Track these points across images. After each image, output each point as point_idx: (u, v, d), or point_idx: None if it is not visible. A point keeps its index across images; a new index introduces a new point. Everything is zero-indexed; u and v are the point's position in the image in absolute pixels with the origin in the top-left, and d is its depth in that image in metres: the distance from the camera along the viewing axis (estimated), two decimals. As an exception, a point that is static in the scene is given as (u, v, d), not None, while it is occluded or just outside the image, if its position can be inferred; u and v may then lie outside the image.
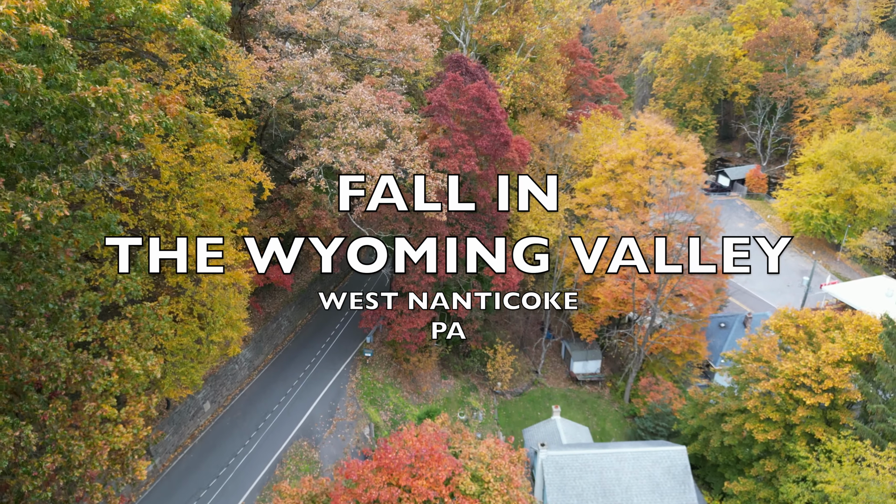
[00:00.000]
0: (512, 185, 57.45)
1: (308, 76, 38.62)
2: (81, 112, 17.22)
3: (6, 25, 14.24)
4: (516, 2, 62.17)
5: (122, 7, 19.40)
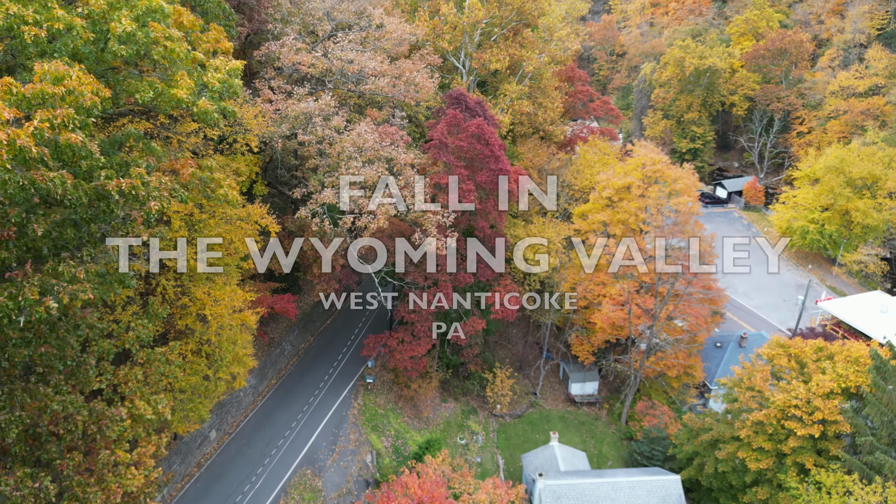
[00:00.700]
0: (511, 212, 58.60)
1: (313, 120, 39.74)
2: (105, 199, 18.32)
3: (40, 138, 15.35)
4: (515, 29, 63.29)
5: (141, 92, 20.52)
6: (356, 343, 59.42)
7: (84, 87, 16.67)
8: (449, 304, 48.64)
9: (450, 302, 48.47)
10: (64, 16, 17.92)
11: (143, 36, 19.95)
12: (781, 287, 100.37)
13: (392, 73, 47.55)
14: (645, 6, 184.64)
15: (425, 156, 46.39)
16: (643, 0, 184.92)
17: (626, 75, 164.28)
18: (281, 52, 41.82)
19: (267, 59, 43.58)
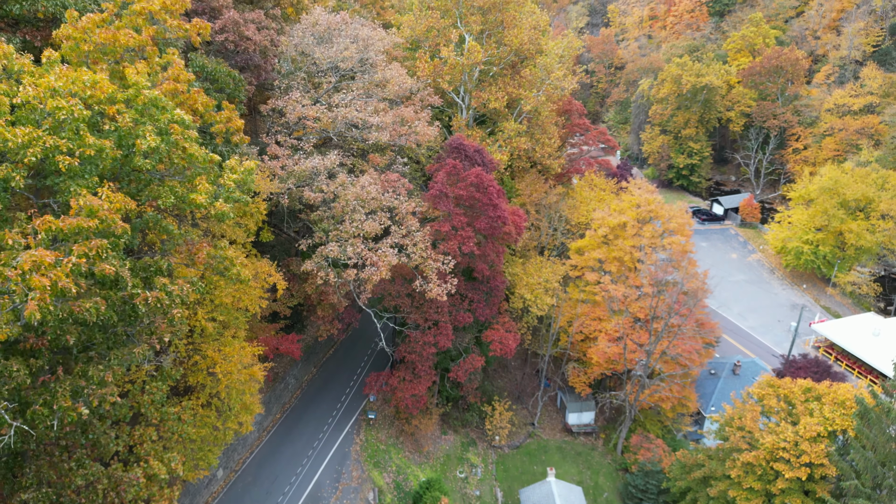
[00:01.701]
0: (509, 248, 60.09)
1: (319, 178, 41.27)
2: (132, 309, 19.83)
3: (77, 272, 16.83)
4: (513, 65, 64.80)
5: (163, 198, 22.03)
6: (359, 379, 60.93)
7: (114, 214, 18.16)
8: (449, 345, 50.14)
9: (449, 342, 49.97)
10: (95, 142, 19.43)
11: (165, 147, 21.46)
12: (776, 307, 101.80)
13: (394, 121, 49.09)
14: (643, 19, 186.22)
15: (426, 203, 47.89)
16: (641, 13, 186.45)
17: (625, 89, 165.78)
18: (286, 108, 43.35)
19: (273, 113, 45.11)
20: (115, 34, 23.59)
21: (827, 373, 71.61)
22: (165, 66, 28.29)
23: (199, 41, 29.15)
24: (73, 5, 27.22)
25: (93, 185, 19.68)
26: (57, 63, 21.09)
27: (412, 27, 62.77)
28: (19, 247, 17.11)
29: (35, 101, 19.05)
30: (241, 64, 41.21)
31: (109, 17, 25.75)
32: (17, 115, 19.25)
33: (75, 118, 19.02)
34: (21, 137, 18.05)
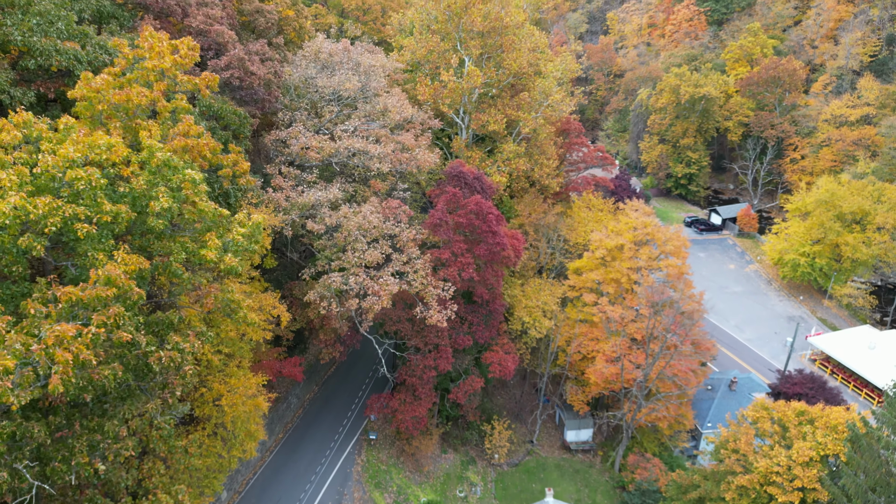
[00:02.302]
0: (509, 270, 60.99)
1: (322, 210, 42.18)
2: (146, 364, 20.77)
3: (97, 341, 17.75)
4: (513, 86, 65.69)
5: (175, 254, 22.95)
6: (361, 400, 61.84)
7: (130, 280, 19.09)
8: (449, 368, 51.06)
9: (449, 365, 50.88)
10: (112, 209, 20.35)
11: (177, 206, 22.39)
12: (773, 319, 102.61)
13: (395, 149, 50.01)
14: (642, 27, 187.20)
15: (426, 230, 48.78)
16: (640, 21, 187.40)
17: (623, 98, 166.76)
18: (291, 142, 44.29)
19: (276, 142, 46.04)
20: (129, 94, 24.52)
21: (822, 389, 72.50)
22: (174, 111, 29.22)
23: (209, 93, 30.07)
24: (85, 59, 28.13)
25: (109, 248, 20.60)
26: (74, 129, 21.99)
27: (413, 50, 63.67)
28: (41, 315, 18.02)
29: (55, 169, 19.96)
30: (245, 98, 42.15)
31: (122, 71, 26.66)
32: (37, 182, 20.17)
33: (93, 187, 19.94)
34: (42, 208, 18.97)
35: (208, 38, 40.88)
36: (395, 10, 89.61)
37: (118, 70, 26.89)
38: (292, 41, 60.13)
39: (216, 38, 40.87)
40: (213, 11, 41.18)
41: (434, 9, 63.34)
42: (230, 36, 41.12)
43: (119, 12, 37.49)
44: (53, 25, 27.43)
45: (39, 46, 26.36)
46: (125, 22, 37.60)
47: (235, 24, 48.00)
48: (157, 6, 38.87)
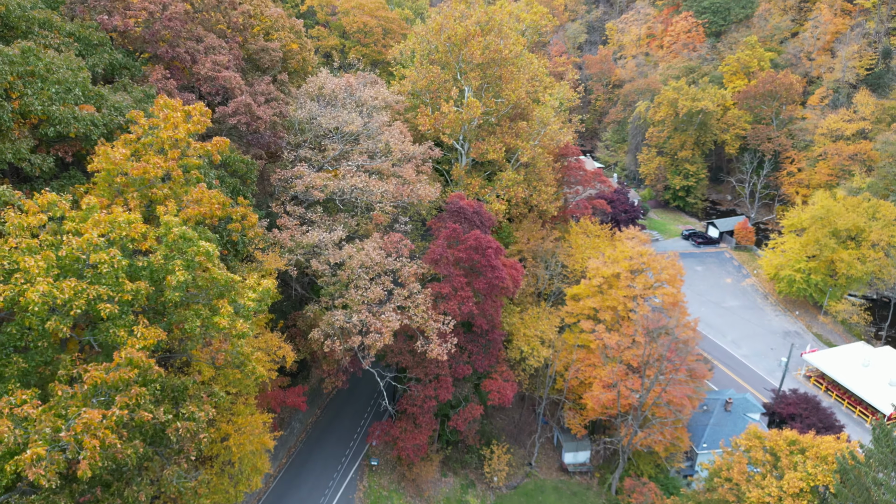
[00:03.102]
0: (507, 298, 62.20)
1: (325, 252, 43.46)
2: (163, 433, 22.03)
3: (120, 423, 19.00)
4: (511, 118, 66.97)
5: (189, 322, 24.20)
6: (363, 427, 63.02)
7: (149, 360, 20.36)
8: (449, 397, 52.33)
9: (449, 395, 52.15)
10: (132, 288, 21.60)
11: (192, 278, 23.64)
12: (769, 334, 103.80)
13: (396, 184, 51.28)
14: (640, 37, 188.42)
15: (427, 265, 50.02)
16: (639, 32, 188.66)
17: (622, 109, 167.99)
18: (296, 182, 45.57)
19: (282, 182, 47.31)
20: (145, 167, 25.80)
21: (816, 409, 73.84)
22: (187, 168, 30.50)
23: (220, 158, 31.37)
24: (101, 122, 29.38)
25: (129, 323, 21.85)
26: (95, 208, 23.25)
27: (413, 81, 64.93)
28: (67, 396, 19.28)
29: (78, 251, 21.21)
30: (252, 141, 43.41)
31: (138, 137, 27.93)
32: (62, 263, 21.42)
33: (115, 269, 21.19)
34: (68, 292, 20.21)
35: (216, 83, 42.14)
36: (396, 33, 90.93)
37: (134, 137, 28.14)
38: (297, 71, 61.34)
39: (224, 84, 42.12)
40: (220, 58, 42.44)
41: (434, 39, 64.64)
42: (237, 81, 42.38)
43: (130, 63, 38.74)
44: (71, 92, 28.68)
45: (58, 115, 27.62)
46: (136, 72, 38.85)
47: (241, 63, 49.27)
48: (167, 55, 40.14)
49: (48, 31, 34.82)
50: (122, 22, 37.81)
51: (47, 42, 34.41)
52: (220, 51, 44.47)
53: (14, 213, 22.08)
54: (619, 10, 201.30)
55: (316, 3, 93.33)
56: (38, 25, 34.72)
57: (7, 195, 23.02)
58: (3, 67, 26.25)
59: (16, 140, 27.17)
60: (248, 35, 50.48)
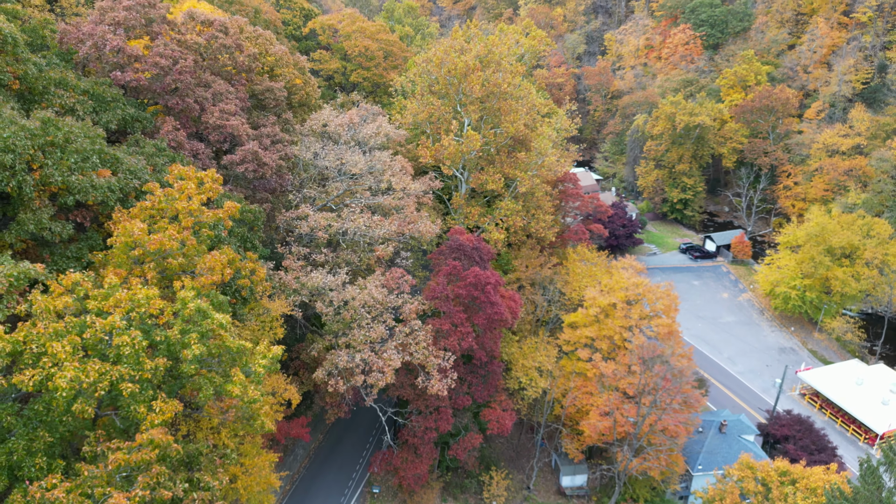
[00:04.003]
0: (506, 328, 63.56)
1: (329, 295, 44.85)
2: (180, 502, 23.44)
3: (142, 502, 20.39)
4: (509, 148, 68.36)
5: (203, 389, 25.58)
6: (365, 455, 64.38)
7: (168, 437, 21.75)
8: (449, 428, 53.73)
9: (449, 426, 53.56)
10: (151, 366, 22.99)
11: (206, 350, 25.02)
12: (765, 350, 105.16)
13: (398, 221, 52.70)
14: (639, 48, 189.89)
15: (428, 302, 51.42)
16: (637, 43, 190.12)
17: (620, 121, 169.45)
18: (300, 224, 46.98)
19: (287, 224, 48.72)
20: (161, 241, 27.19)
21: (810, 431, 75.34)
22: (200, 233, 31.88)
23: (231, 224, 32.77)
24: (116, 187, 30.75)
25: (148, 399, 23.24)
26: (117, 287, 24.62)
27: (415, 113, 66.33)
28: (93, 475, 20.66)
29: (102, 333, 22.60)
30: (258, 187, 44.79)
31: (152, 205, 29.32)
32: (86, 344, 22.80)
33: (136, 350, 22.57)
34: (93, 375, 21.58)
35: (224, 131, 43.52)
36: (397, 55, 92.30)
37: (150, 205, 29.54)
38: (301, 104, 62.65)
39: (231, 132, 43.50)
40: (228, 106, 43.82)
41: (435, 71, 66.03)
42: (244, 129, 43.75)
43: (142, 115, 40.12)
44: (89, 160, 30.05)
45: (77, 184, 28.98)
46: (148, 124, 40.23)
47: (247, 104, 50.62)
48: (177, 107, 41.52)
49: (64, 91, 36.20)
50: (135, 76, 39.19)
51: (63, 102, 35.80)
52: (227, 96, 45.84)
53: (41, 297, 23.46)
54: (618, 21, 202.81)
55: (318, 26, 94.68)
56: (54, 85, 36.11)
57: (33, 273, 24.37)
58: (25, 142, 27.58)
59: (37, 210, 28.54)
60: (254, 76, 51.85)
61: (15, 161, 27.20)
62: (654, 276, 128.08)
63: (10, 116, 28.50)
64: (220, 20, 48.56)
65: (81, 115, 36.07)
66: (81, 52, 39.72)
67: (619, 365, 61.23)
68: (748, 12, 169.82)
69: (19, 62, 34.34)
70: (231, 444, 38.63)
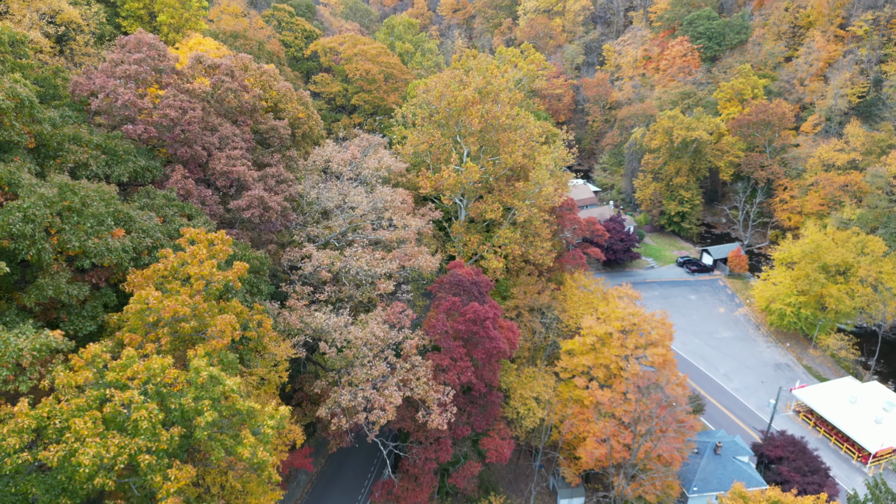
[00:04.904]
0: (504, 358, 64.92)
1: (332, 335, 46.21)
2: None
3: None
4: (508, 178, 69.74)
5: (215, 452, 26.94)
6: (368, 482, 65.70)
7: None
8: (449, 458, 55.10)
9: (449, 456, 54.94)
10: (167, 437, 24.35)
11: (218, 416, 26.37)
12: (760, 366, 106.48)
13: (399, 256, 54.07)
14: (637, 59, 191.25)
15: (428, 337, 52.77)
16: (635, 54, 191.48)
17: (619, 133, 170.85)
18: (304, 265, 48.33)
19: (291, 263, 50.09)
20: (176, 308, 28.53)
21: (803, 452, 76.69)
22: (211, 292, 33.23)
23: (241, 285, 34.14)
24: (130, 248, 32.10)
25: (164, 467, 24.58)
26: (134, 359, 25.98)
27: (415, 144, 67.69)
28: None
29: (121, 406, 23.96)
30: (264, 229, 46.15)
31: (165, 267, 30.69)
32: (106, 417, 24.16)
33: (153, 423, 23.92)
34: (113, 450, 22.92)
35: (230, 177, 44.88)
36: (397, 78, 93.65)
37: (163, 268, 30.91)
38: (305, 136, 63.93)
39: (238, 178, 44.86)
40: (234, 152, 45.18)
41: (436, 103, 67.39)
42: (250, 175, 45.11)
43: (152, 165, 41.49)
44: (104, 224, 31.40)
45: (94, 249, 30.34)
46: (157, 173, 41.59)
47: (252, 144, 51.98)
48: (185, 155, 42.86)
49: (78, 146, 37.54)
50: (145, 129, 40.56)
51: (77, 157, 37.16)
52: (233, 139, 47.20)
53: (63, 373, 24.82)
54: (617, 32, 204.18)
55: (320, 48, 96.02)
56: (68, 141, 37.46)
57: (54, 343, 25.70)
58: (44, 210, 28.94)
59: (55, 274, 29.89)
60: (258, 115, 53.19)
61: (35, 230, 28.56)
62: (651, 290, 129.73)
63: (30, 184, 29.85)
64: (226, 64, 49.93)
65: (95, 170, 37.45)
66: (94, 104, 41.09)
67: (616, 393, 62.61)
68: (745, 25, 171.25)
69: (35, 122, 35.72)
70: (238, 484, 40.05)
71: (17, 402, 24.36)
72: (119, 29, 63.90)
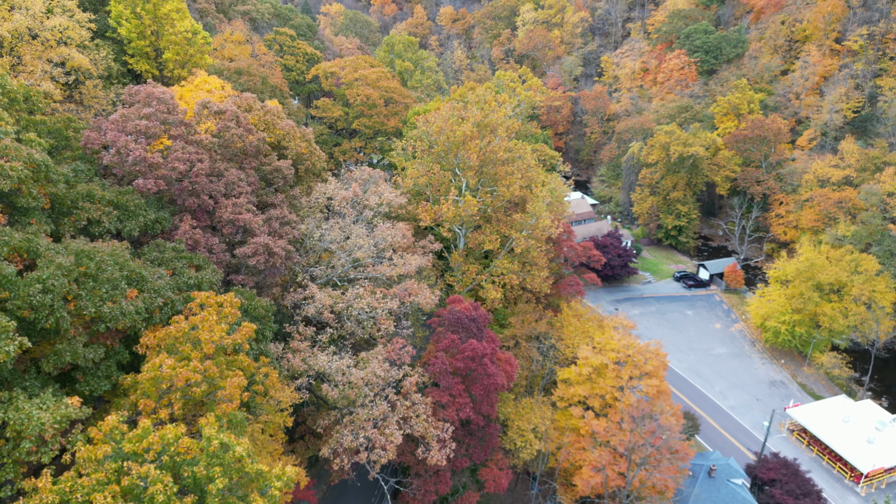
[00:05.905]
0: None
1: (335, 377, 47.69)
2: None
3: None
4: (506, 208, 71.26)
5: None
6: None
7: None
8: (448, 490, 56.61)
9: (448, 488, 56.45)
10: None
11: (228, 482, 27.81)
12: (756, 384, 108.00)
13: (400, 293, 55.58)
14: (635, 71, 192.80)
15: (428, 374, 54.27)
16: (633, 66, 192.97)
17: (617, 146, 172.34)
18: (307, 307, 49.83)
19: (294, 303, 51.57)
20: (188, 375, 29.99)
21: (796, 475, 78.17)
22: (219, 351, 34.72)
23: (248, 346, 35.61)
24: (142, 308, 33.57)
25: (179, 536, 26.05)
26: (150, 430, 27.45)
27: (415, 178, 69.18)
28: None
29: (138, 480, 25.42)
30: (268, 273, 47.62)
31: (177, 331, 32.17)
32: (124, 489, 25.59)
33: (167, 496, 25.38)
34: (132, 524, 24.39)
35: (236, 224, 46.35)
36: (398, 102, 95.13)
37: (174, 331, 32.39)
38: (308, 171, 65.36)
39: (244, 225, 46.35)
40: (240, 199, 46.65)
41: (435, 137, 68.90)
42: (255, 222, 46.57)
43: (162, 216, 42.96)
44: (118, 288, 32.86)
45: (109, 313, 31.82)
46: (166, 224, 43.05)
47: (257, 185, 53.45)
48: (193, 205, 44.33)
49: (91, 204, 39.00)
50: (155, 184, 42.03)
51: (90, 215, 38.62)
52: (238, 185, 48.67)
53: (84, 447, 26.28)
54: (615, 43, 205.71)
55: (321, 72, 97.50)
56: (82, 199, 38.91)
57: (73, 414, 27.15)
58: (62, 280, 30.39)
59: (72, 339, 31.35)
60: (262, 157, 54.67)
61: (53, 300, 30.01)
62: (648, 306, 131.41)
63: (47, 254, 31.30)
64: (231, 110, 51.40)
65: (107, 226, 38.92)
66: (105, 159, 42.56)
67: (611, 422, 64.09)
68: (742, 39, 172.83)
69: (50, 183, 37.18)
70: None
71: (40, 473, 25.80)
72: (126, 66, 65.35)
